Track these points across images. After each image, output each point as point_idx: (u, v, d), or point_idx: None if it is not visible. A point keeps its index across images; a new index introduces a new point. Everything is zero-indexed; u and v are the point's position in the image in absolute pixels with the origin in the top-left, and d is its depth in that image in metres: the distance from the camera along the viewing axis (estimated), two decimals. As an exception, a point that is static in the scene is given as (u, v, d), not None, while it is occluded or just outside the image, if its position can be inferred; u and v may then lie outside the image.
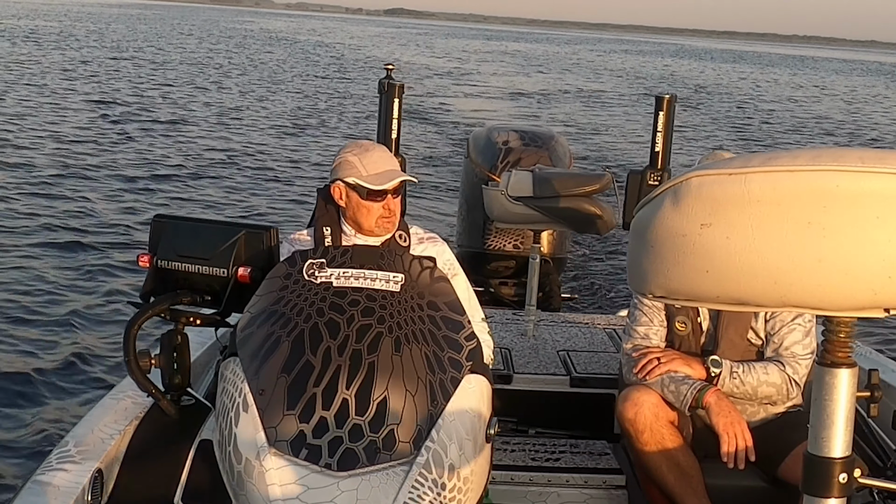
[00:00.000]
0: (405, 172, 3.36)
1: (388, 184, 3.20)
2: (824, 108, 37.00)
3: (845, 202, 1.45)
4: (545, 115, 26.97)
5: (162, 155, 15.57)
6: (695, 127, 25.85)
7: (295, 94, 28.28)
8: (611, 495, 3.89)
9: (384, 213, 3.24)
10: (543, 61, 62.71)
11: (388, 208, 3.24)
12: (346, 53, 54.97)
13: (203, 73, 32.40)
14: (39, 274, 8.63)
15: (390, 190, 3.22)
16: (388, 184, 3.20)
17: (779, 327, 3.49)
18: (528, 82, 40.58)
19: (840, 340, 1.65)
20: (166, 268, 3.06)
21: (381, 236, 3.29)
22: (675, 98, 5.59)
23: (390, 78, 5.43)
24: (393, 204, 3.25)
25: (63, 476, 2.75)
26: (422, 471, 2.49)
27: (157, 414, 3.07)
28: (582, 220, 5.22)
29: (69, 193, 12.04)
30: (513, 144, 6.64)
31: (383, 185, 3.20)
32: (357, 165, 3.22)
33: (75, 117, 18.87)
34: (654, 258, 1.58)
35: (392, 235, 3.32)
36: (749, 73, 66.30)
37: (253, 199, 12.95)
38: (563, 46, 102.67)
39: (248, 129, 19.84)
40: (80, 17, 78.48)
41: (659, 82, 45.77)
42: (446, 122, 23.31)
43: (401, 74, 6.74)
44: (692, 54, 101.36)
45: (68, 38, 46.58)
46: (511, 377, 4.43)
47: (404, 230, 3.36)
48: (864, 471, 1.71)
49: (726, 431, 3.31)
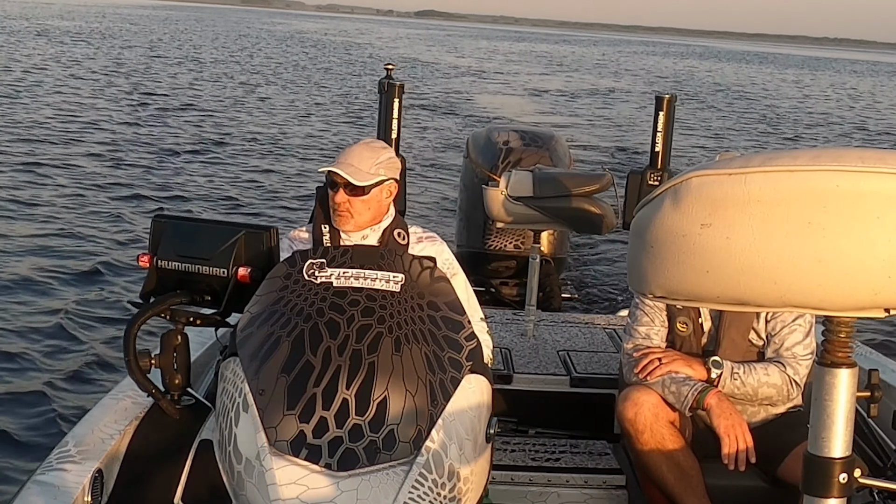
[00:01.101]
0: (395, 176, 3.35)
1: (333, 168, 3.22)
2: (856, 112, 36.73)
3: (845, 202, 1.44)
4: (564, 112, 27.04)
5: (163, 155, 15.57)
6: (724, 129, 25.91)
7: (312, 92, 28.36)
8: (611, 495, 3.89)
9: (338, 208, 3.26)
10: (570, 62, 62.88)
11: (336, 200, 3.25)
12: (357, 53, 55.05)
13: (216, 73, 32.43)
14: (39, 273, 8.62)
15: (340, 182, 3.23)
16: (333, 168, 3.22)
17: (780, 328, 3.49)
18: (549, 82, 40.71)
19: (840, 340, 1.65)
20: (166, 268, 3.06)
21: (352, 231, 3.29)
22: (676, 98, 5.59)
23: (390, 78, 5.43)
24: (342, 199, 3.25)
25: (63, 476, 2.75)
26: (422, 471, 2.49)
27: (157, 414, 3.07)
28: (582, 220, 5.22)
29: (69, 193, 12.04)
30: (513, 144, 6.65)
31: (324, 168, 3.24)
32: (337, 156, 3.27)
33: (75, 117, 18.87)
34: (654, 258, 1.58)
35: (391, 234, 3.32)
36: (783, 74, 66.34)
37: (253, 199, 12.95)
38: (591, 48, 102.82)
39: (249, 129, 19.84)
40: (106, 17, 78.80)
41: (681, 82, 45.90)
42: (469, 116, 23.36)
43: (422, 72, 6.74)
44: (721, 56, 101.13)
45: (88, 37, 46.76)
46: (511, 377, 4.43)
47: (403, 229, 3.36)
48: (864, 471, 1.71)
49: (727, 433, 3.30)
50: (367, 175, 3.24)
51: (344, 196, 3.24)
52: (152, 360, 3.02)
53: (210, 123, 19.92)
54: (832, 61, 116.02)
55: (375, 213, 3.31)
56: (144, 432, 3.03)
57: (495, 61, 55.61)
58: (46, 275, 8.62)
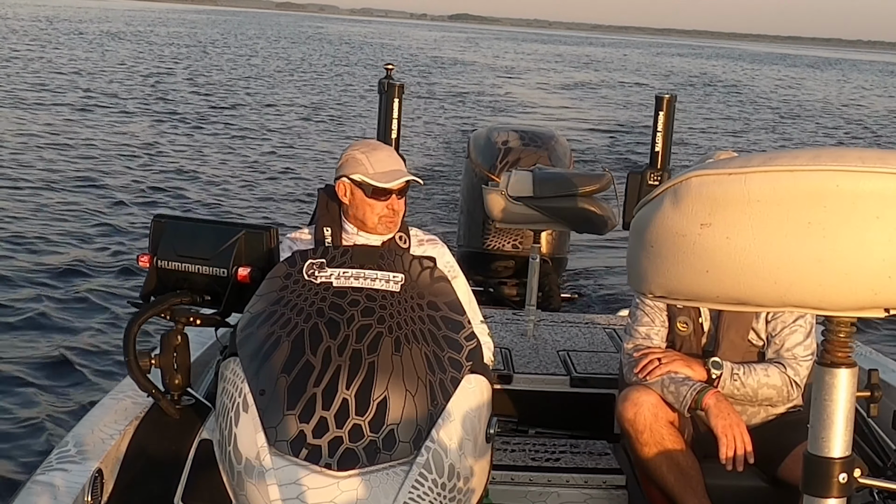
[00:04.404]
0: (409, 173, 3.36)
1: (394, 182, 3.20)
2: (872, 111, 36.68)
3: (845, 202, 1.44)
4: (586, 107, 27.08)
5: (163, 154, 15.57)
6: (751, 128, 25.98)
7: (335, 93, 28.42)
8: (611, 495, 3.88)
9: (387, 213, 3.24)
10: (595, 63, 63.09)
11: (392, 208, 3.24)
12: (368, 53, 55.07)
13: (232, 76, 32.46)
14: (39, 273, 8.63)
15: (395, 189, 3.23)
16: (394, 182, 3.20)
17: (780, 328, 3.49)
18: (572, 79, 40.80)
19: (840, 340, 1.65)
20: (166, 268, 3.06)
21: (382, 235, 3.29)
22: (675, 98, 5.59)
23: (390, 78, 5.44)
24: (397, 204, 3.25)
25: (63, 476, 2.75)
26: (422, 471, 2.49)
27: (157, 414, 3.07)
28: (582, 220, 5.22)
29: (69, 192, 12.04)
30: (513, 144, 6.64)
31: (389, 184, 3.20)
32: (364, 163, 3.22)
33: (76, 115, 18.87)
34: (653, 258, 1.58)
35: (392, 237, 3.31)
36: (818, 76, 66.37)
37: (253, 200, 12.95)
38: (622, 49, 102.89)
39: (254, 127, 19.85)
40: (133, 21, 78.99)
41: (709, 83, 46.02)
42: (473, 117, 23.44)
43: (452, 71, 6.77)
44: (752, 58, 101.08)
45: (101, 39, 46.75)
46: (511, 377, 4.43)
47: (404, 232, 3.35)
48: (864, 471, 1.71)
49: (725, 434, 3.30)
50: (411, 173, 3.29)
51: (397, 202, 3.25)
52: (152, 360, 3.02)
53: (210, 123, 19.92)
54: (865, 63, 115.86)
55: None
56: (144, 432, 3.03)
57: (522, 62, 55.89)
58: (46, 274, 8.62)
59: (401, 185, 3.23)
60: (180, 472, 2.85)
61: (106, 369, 6.60)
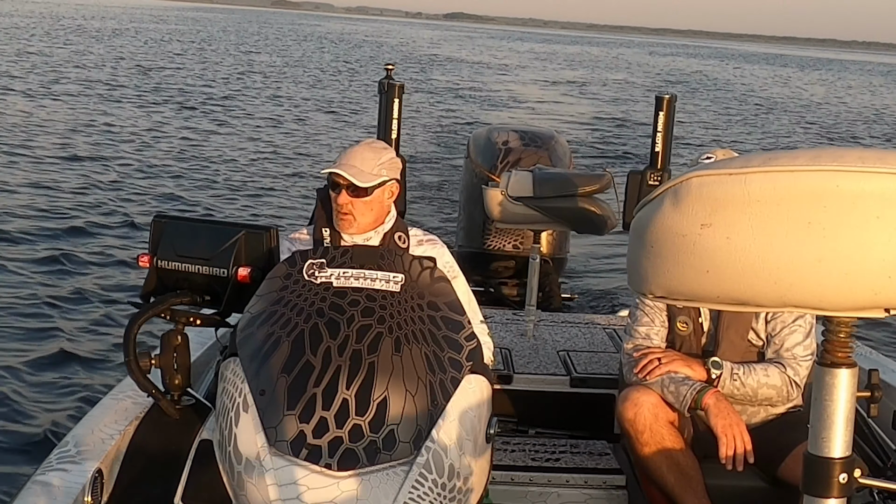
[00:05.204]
0: (396, 177, 3.33)
1: (335, 169, 3.19)
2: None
3: (845, 202, 1.44)
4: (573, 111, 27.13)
5: (163, 154, 15.57)
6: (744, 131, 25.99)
7: (318, 91, 28.39)
8: (611, 495, 3.88)
9: (338, 208, 3.23)
10: (588, 62, 63.12)
11: (338, 202, 3.23)
12: (367, 52, 55.06)
13: (222, 75, 32.43)
14: (39, 273, 8.63)
15: (343, 184, 3.21)
16: (335, 169, 3.19)
17: (780, 328, 3.49)
18: (568, 77, 40.81)
19: (840, 340, 1.65)
20: (166, 268, 3.06)
21: (351, 235, 3.27)
22: (675, 98, 5.59)
23: (390, 78, 5.44)
24: (344, 200, 3.21)
25: (63, 476, 2.75)
26: (422, 471, 2.49)
27: (157, 414, 3.07)
28: (582, 220, 5.22)
29: (69, 192, 12.04)
30: (513, 144, 6.63)
31: (326, 170, 3.22)
32: (338, 157, 3.24)
33: (76, 116, 18.86)
34: (654, 258, 1.58)
35: (391, 237, 3.31)
36: (815, 76, 66.42)
37: (253, 200, 12.95)
38: (619, 49, 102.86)
39: (254, 127, 19.85)
40: (133, 19, 78.94)
41: (704, 83, 46.06)
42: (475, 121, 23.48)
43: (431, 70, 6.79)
44: (747, 58, 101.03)
45: (101, 35, 46.75)
46: (511, 377, 4.43)
47: (403, 232, 3.35)
48: (864, 471, 1.71)
49: (724, 433, 3.30)
50: (370, 176, 3.21)
51: (346, 197, 3.21)
52: (152, 360, 3.02)
53: (211, 123, 19.91)
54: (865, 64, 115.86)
55: (378, 214, 3.29)
56: (144, 432, 3.03)
57: (517, 59, 55.99)
58: (46, 274, 8.63)
59: (344, 179, 3.18)
60: (180, 472, 2.86)
61: (106, 369, 6.60)
